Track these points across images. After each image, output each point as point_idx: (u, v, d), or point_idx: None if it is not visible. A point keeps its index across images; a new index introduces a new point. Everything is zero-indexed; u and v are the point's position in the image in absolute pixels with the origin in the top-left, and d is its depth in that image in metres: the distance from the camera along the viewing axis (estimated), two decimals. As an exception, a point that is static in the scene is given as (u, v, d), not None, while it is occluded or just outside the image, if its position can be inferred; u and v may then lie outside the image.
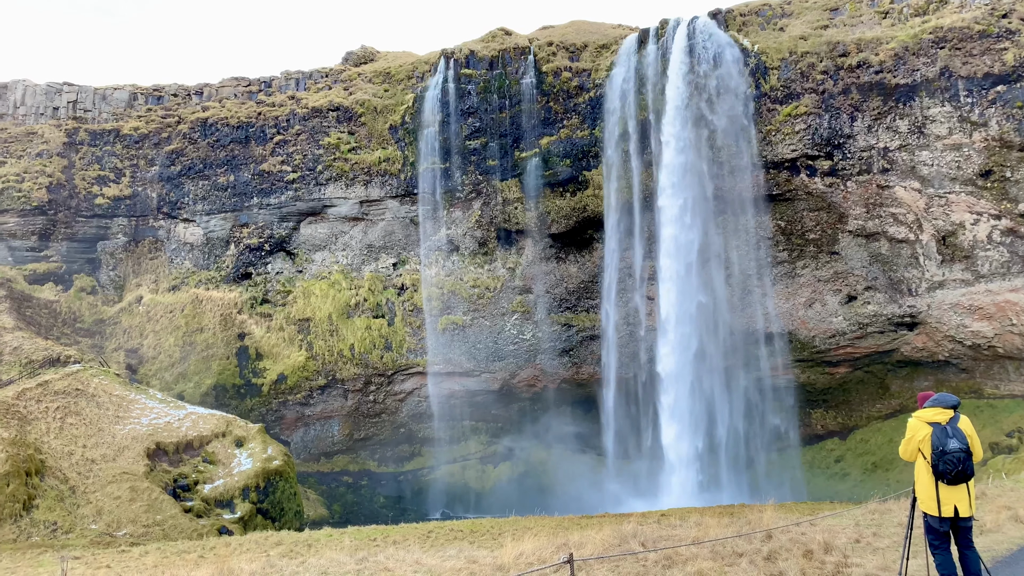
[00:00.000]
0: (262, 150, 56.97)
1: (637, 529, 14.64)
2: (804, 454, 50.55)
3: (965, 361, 46.78)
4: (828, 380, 51.49)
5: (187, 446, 42.65)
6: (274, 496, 41.28)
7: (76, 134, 59.01)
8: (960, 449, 9.16)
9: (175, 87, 62.51)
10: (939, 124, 42.64)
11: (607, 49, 53.33)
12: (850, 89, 44.78)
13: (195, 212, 57.53)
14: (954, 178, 42.70)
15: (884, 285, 47.32)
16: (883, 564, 11.80)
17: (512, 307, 53.62)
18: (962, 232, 43.30)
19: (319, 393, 54.00)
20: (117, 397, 44.42)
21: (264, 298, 56.07)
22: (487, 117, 53.42)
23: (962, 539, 9.49)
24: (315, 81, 60.48)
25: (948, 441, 9.20)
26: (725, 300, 49.60)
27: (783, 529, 14.66)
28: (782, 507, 27.53)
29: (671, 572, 11.05)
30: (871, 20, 47.08)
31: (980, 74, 41.42)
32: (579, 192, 51.52)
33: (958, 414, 9.49)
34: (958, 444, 9.18)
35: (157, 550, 24.20)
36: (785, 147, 46.45)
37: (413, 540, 22.15)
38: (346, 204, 55.72)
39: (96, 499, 36.07)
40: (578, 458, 54.53)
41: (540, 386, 55.26)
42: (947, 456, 9.16)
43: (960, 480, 9.23)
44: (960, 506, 9.30)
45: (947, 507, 9.31)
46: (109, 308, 56.51)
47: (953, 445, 9.17)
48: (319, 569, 13.28)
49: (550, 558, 11.70)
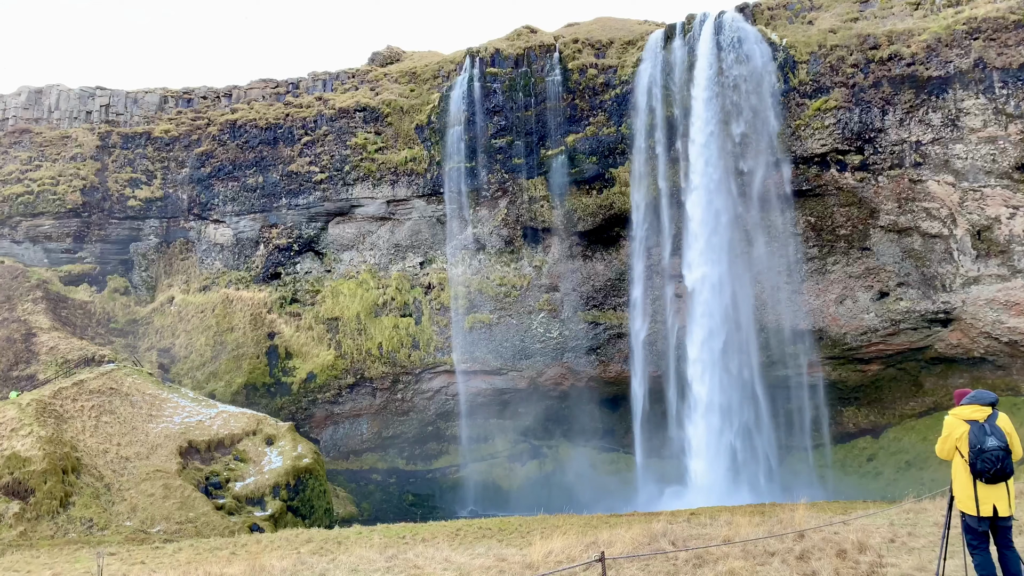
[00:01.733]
0: (290, 151, 57.49)
1: (667, 528, 14.53)
2: (836, 452, 49.88)
3: (1001, 358, 45.83)
4: (860, 377, 50.76)
5: (219, 444, 43.23)
6: (304, 494, 41.67)
7: (109, 137, 60.02)
8: (999, 447, 8.95)
9: (204, 90, 63.30)
10: (973, 117, 41.80)
11: (633, 45, 53.01)
12: (881, 82, 44.06)
13: (225, 213, 58.22)
14: (989, 171, 41.84)
15: (917, 281, 46.52)
16: (919, 564, 11.58)
17: (539, 305, 53.55)
18: (997, 227, 42.41)
19: (348, 392, 54.39)
20: (150, 396, 45.15)
21: (293, 298, 56.60)
22: (513, 115, 53.38)
23: (1002, 539, 9.27)
24: (342, 82, 60.88)
25: (986, 439, 8.99)
26: (754, 297, 49.10)
27: (815, 528, 14.46)
28: (814, 506, 27.18)
29: (702, 571, 10.95)
30: (902, 12, 46.28)
31: (1016, 65, 40.53)
32: (605, 189, 51.29)
33: (996, 411, 9.28)
34: (996, 442, 8.96)
35: (190, 547, 24.53)
36: (815, 142, 45.85)
37: (442, 538, 22.20)
38: (373, 204, 56.03)
39: (130, 496, 36.69)
40: (606, 456, 54.35)
41: (567, 384, 55.15)
42: (985, 454, 8.96)
43: (999, 479, 9.02)
44: (999, 505, 9.09)
45: (986, 506, 9.10)
46: (142, 308, 57.42)
47: (991, 443, 8.96)
48: (349, 566, 13.36)
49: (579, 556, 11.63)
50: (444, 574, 11.87)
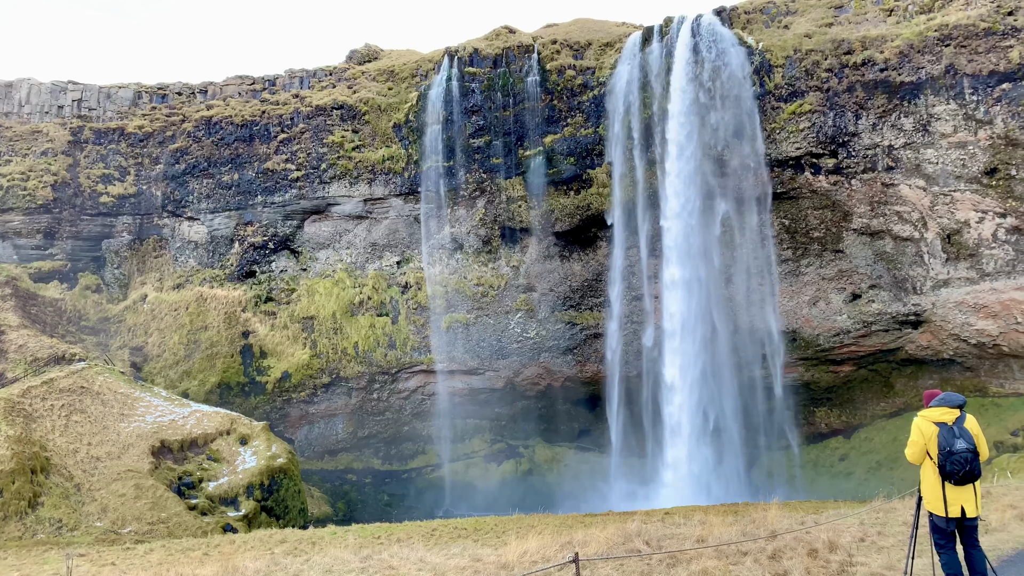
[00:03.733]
0: (266, 148, 57.04)
1: (641, 527, 14.63)
2: (808, 452, 50.49)
3: (970, 359, 46.66)
4: (832, 378, 51.41)
5: (192, 444, 42.77)
6: (278, 494, 41.36)
7: (81, 132, 59.14)
8: (967, 449, 9.12)
9: (179, 86, 62.58)
10: (944, 122, 42.50)
11: (611, 47, 53.25)
12: (855, 87, 44.65)
13: (199, 210, 57.62)
14: (959, 176, 42.57)
15: (889, 283, 47.21)
16: (888, 563, 11.77)
17: (516, 305, 53.62)
18: (967, 230, 43.17)
19: (323, 391, 54.08)
20: (122, 395, 44.56)
21: (268, 296, 56.15)
22: (491, 115, 53.40)
23: (968, 538, 9.47)
24: (319, 79, 60.50)
25: (955, 441, 9.15)
26: (729, 298, 49.57)
27: (787, 528, 14.63)
28: (786, 505, 27.49)
29: (676, 571, 11.04)
30: (876, 18, 46.93)
31: (986, 72, 41.27)
32: (583, 190, 51.48)
33: (964, 414, 9.44)
34: (965, 444, 9.13)
35: (162, 547, 24.26)
36: (790, 145, 46.36)
37: (417, 538, 22.15)
38: (350, 202, 55.75)
39: (101, 497, 36.19)
40: (582, 456, 54.55)
41: (544, 384, 55.27)
42: (954, 456, 9.11)
43: (967, 480, 9.18)
44: (967, 506, 9.27)
45: (954, 507, 9.28)
46: (114, 306, 56.64)
47: (960, 445, 9.12)
48: (324, 567, 13.29)
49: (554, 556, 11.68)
50: (419, 575, 11.86)
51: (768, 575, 11.05)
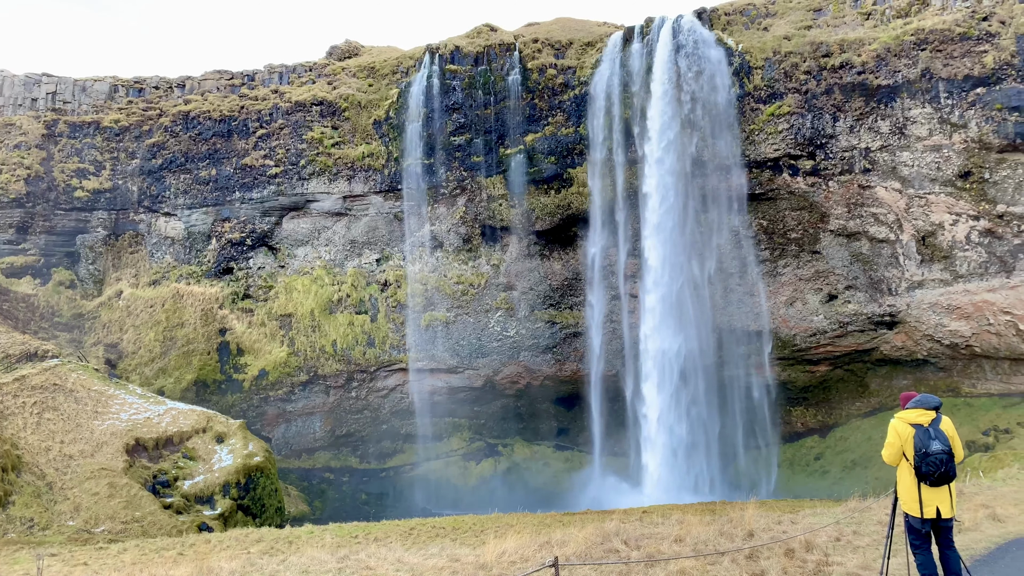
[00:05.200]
0: (244, 144, 56.51)
1: (619, 527, 14.65)
2: (784, 451, 50.92)
3: (943, 360, 47.29)
4: (808, 378, 51.88)
5: (167, 442, 42.27)
6: (255, 492, 41.02)
7: (55, 126, 58.24)
8: (942, 451, 9.21)
9: (156, 79, 61.82)
10: (920, 125, 43.01)
11: (592, 47, 53.33)
12: (833, 89, 45.06)
13: (176, 206, 56.97)
14: (934, 179, 43.11)
15: (864, 284, 47.72)
16: (864, 563, 11.87)
17: (496, 304, 53.57)
18: (941, 232, 43.73)
19: (301, 389, 53.72)
20: (96, 392, 43.95)
21: (246, 293, 55.65)
22: (472, 113, 53.28)
23: (943, 539, 9.57)
24: (298, 75, 60.03)
25: (931, 443, 9.24)
26: (708, 298, 49.84)
27: (765, 527, 14.73)
28: (763, 504, 27.71)
29: (654, 570, 11.06)
30: (854, 21, 47.37)
31: (960, 76, 41.81)
32: (564, 189, 51.53)
33: (940, 415, 9.53)
34: (940, 446, 9.22)
35: (136, 547, 23.96)
36: (768, 146, 46.69)
37: (395, 537, 22.04)
38: (329, 199, 55.39)
39: (74, 495, 35.68)
40: (561, 455, 54.63)
41: (523, 383, 55.28)
42: (930, 458, 9.20)
43: (942, 482, 9.28)
44: (942, 507, 9.36)
45: (929, 508, 9.37)
46: (88, 302, 55.88)
47: (936, 447, 9.21)
48: (300, 567, 13.18)
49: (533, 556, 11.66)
50: (397, 575, 11.79)
51: (746, 575, 11.11)
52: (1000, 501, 18.06)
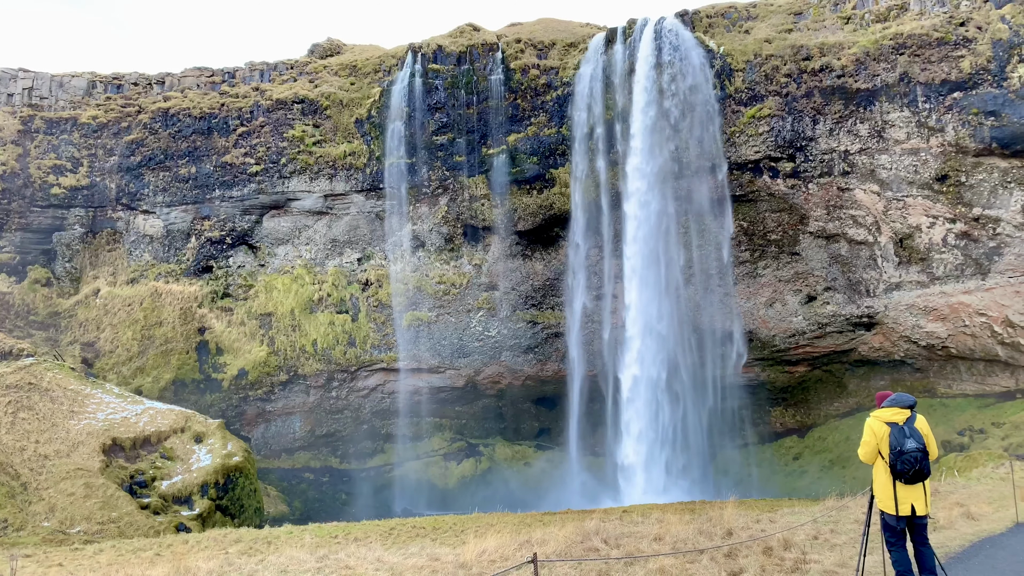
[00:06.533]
0: (225, 142, 56.04)
1: (599, 526, 14.68)
2: (763, 451, 51.29)
3: (920, 361, 47.85)
4: (787, 379, 52.29)
5: (144, 442, 41.83)
6: (234, 493, 40.69)
7: (31, 122, 57.45)
8: (917, 449, 9.35)
9: (136, 76, 61.19)
10: (898, 129, 43.50)
11: (575, 48, 53.43)
12: (813, 92, 45.46)
13: (155, 204, 56.40)
14: (911, 182, 43.61)
15: (843, 286, 48.17)
16: (841, 560, 11.98)
17: (478, 304, 53.53)
18: (918, 235, 44.25)
19: (281, 389, 53.37)
20: (72, 391, 43.40)
21: (225, 292, 55.20)
22: (454, 113, 53.19)
23: (918, 536, 9.71)
24: (280, 73, 59.65)
25: (905, 441, 9.38)
26: (688, 299, 50.11)
27: (743, 526, 14.82)
28: (742, 504, 27.87)
29: (633, 569, 11.10)
30: (834, 25, 47.83)
31: (938, 80, 42.33)
32: (546, 190, 51.59)
33: (915, 414, 9.69)
34: (915, 444, 9.37)
35: (112, 548, 23.68)
36: (749, 148, 47.01)
37: (375, 537, 21.95)
38: (310, 198, 55.08)
39: (49, 496, 35.21)
40: (542, 454, 54.68)
41: (504, 383, 55.27)
42: (904, 456, 9.33)
43: (917, 479, 9.42)
44: (917, 505, 9.50)
45: (904, 506, 9.51)
46: (65, 300, 55.17)
47: (910, 445, 9.35)
48: (279, 567, 13.08)
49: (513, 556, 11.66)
50: (376, 575, 11.75)
51: (724, 573, 11.18)
52: (975, 500, 18.30)
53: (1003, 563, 11.98)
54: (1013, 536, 14.03)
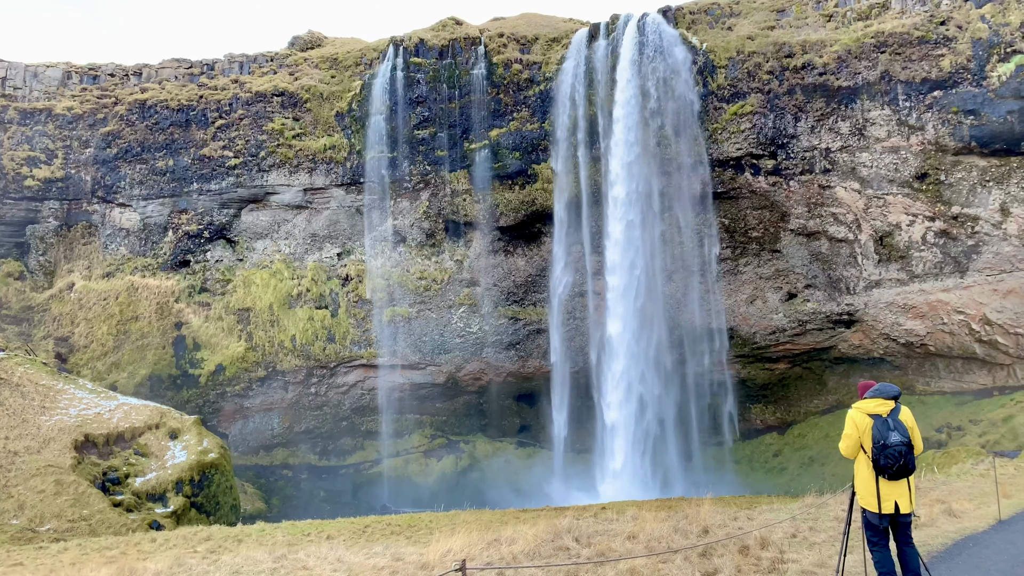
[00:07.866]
0: (203, 134, 55.23)
1: (573, 524, 14.36)
2: (743, 448, 51.27)
3: (899, 358, 47.98)
4: (768, 376, 52.29)
5: (118, 438, 41.09)
6: (209, 490, 40.07)
7: (4, 112, 56.35)
8: (902, 442, 8.82)
9: (112, 67, 60.20)
10: (879, 127, 43.52)
11: (558, 43, 53.10)
12: (795, 90, 45.40)
13: (132, 197, 55.49)
14: (892, 180, 43.65)
15: (823, 283, 48.19)
16: (820, 560, 11.68)
17: (459, 300, 53.10)
18: (898, 233, 44.32)
19: (259, 385, 52.70)
20: (44, 387, 42.57)
21: (203, 287, 54.42)
22: (436, 107, 52.70)
23: (901, 535, 9.22)
24: (260, 65, 58.88)
25: (889, 434, 8.85)
26: (670, 296, 49.96)
27: (720, 524, 14.54)
28: (720, 500, 27.69)
29: (603, 570, 10.76)
30: (816, 23, 47.79)
31: (918, 79, 42.38)
32: (528, 185, 51.23)
33: (899, 405, 9.15)
34: (900, 437, 8.83)
35: (78, 547, 23.10)
36: (731, 145, 46.88)
37: (348, 535, 21.53)
38: (289, 192, 54.40)
39: (18, 493, 34.47)
40: (523, 451, 54.39)
41: (486, 379, 54.89)
42: (888, 450, 8.80)
43: (901, 475, 8.89)
44: (900, 502, 8.99)
45: (887, 503, 8.99)
46: (38, 295, 54.18)
47: (895, 438, 8.82)
48: (232, 568, 12.63)
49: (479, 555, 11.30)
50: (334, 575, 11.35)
51: (698, 574, 10.86)
52: (955, 496, 18.16)
53: (987, 562, 11.74)
54: (996, 534, 13.82)
